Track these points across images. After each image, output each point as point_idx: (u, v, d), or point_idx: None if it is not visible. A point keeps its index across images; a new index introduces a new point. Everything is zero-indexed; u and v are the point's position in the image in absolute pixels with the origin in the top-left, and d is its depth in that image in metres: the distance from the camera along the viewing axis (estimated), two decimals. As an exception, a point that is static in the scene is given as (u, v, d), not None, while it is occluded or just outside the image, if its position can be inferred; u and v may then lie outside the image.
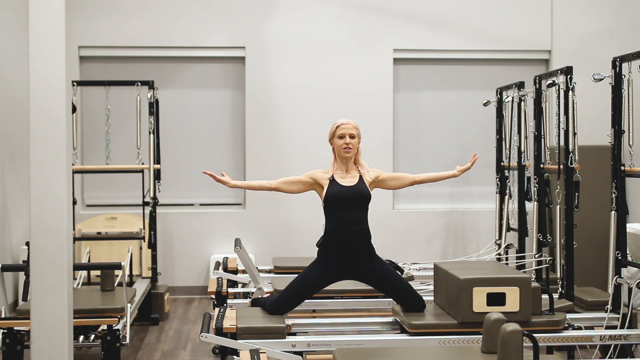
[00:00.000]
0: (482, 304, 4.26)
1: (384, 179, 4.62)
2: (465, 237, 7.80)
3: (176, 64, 7.73)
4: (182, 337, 5.97)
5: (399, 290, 4.51)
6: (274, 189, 4.59)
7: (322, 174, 4.56)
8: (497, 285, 4.29)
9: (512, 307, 4.27)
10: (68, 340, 3.79)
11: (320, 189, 4.53)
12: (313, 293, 4.60)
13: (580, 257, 5.83)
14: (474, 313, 4.25)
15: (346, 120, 4.56)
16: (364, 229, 4.49)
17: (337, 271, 4.50)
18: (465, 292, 4.26)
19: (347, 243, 4.45)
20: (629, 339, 4.48)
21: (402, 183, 4.68)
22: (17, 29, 6.36)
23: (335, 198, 4.45)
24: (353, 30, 7.71)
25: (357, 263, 4.47)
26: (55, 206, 3.73)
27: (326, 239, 4.49)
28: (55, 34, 3.72)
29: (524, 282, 4.31)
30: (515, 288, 4.28)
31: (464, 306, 4.26)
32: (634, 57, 4.66)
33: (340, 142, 4.51)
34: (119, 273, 5.67)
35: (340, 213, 4.45)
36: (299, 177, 4.57)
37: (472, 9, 7.80)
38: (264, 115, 7.64)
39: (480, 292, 4.27)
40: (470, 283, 4.27)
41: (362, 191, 4.48)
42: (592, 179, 6.54)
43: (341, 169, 4.54)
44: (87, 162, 7.57)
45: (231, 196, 7.78)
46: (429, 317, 4.41)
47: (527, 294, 4.29)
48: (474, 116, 7.80)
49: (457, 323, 4.29)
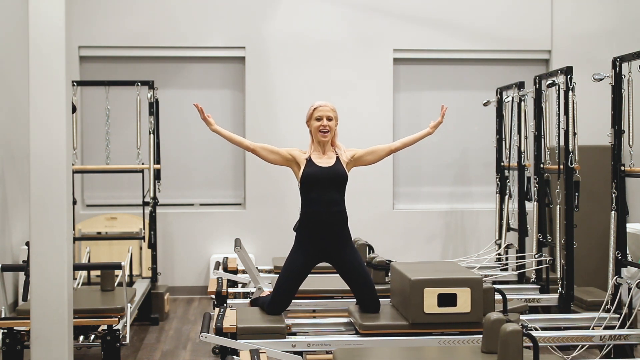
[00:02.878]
0: (433, 305, 4.23)
1: (360, 155, 4.64)
2: (465, 237, 7.80)
3: (176, 64, 7.73)
4: (182, 337, 5.97)
5: (362, 286, 4.51)
6: (252, 150, 4.62)
7: (299, 152, 4.60)
8: (449, 286, 4.26)
9: (463, 308, 4.24)
10: (68, 340, 3.79)
11: (296, 168, 4.56)
12: (301, 281, 4.60)
13: (580, 257, 5.83)
14: (425, 314, 4.23)
15: (324, 103, 4.59)
16: (341, 211, 4.50)
17: (316, 253, 4.50)
18: (416, 293, 4.23)
19: (324, 224, 4.46)
20: (629, 339, 4.48)
21: (379, 155, 4.69)
22: (17, 30, 6.36)
23: (312, 178, 4.47)
24: (353, 30, 7.71)
25: (334, 246, 4.48)
26: (55, 206, 3.74)
27: (302, 221, 4.51)
28: (55, 34, 3.72)
29: (476, 283, 4.27)
30: (467, 289, 4.24)
31: (415, 307, 4.24)
32: (634, 57, 4.66)
33: (317, 124, 4.54)
34: (119, 273, 5.66)
35: (316, 194, 4.47)
36: (278, 149, 4.62)
37: (472, 9, 7.80)
38: (264, 115, 7.64)
39: (432, 293, 4.23)
40: (422, 284, 4.24)
41: (339, 172, 4.50)
42: (592, 179, 6.54)
43: (318, 150, 4.58)
44: (87, 162, 7.57)
45: (231, 196, 7.78)
46: (382, 318, 4.40)
47: (479, 294, 4.26)
48: (474, 116, 7.80)
49: (408, 324, 4.27)
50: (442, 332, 4.25)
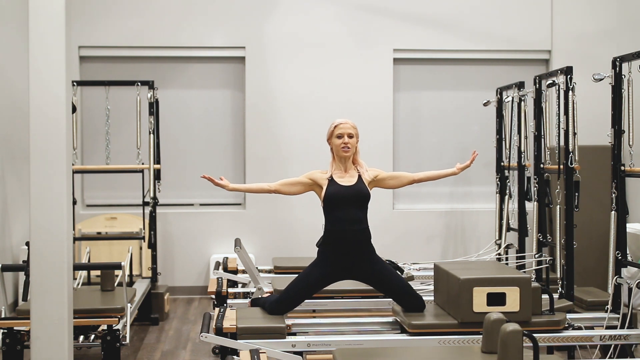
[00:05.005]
0: (483, 304, 4.26)
1: (383, 178, 4.61)
2: (465, 237, 7.80)
3: (176, 64, 7.73)
4: (182, 337, 5.97)
5: (399, 290, 4.51)
6: (274, 191, 4.58)
7: (320, 174, 4.56)
8: (498, 285, 4.29)
9: (512, 307, 4.27)
10: (68, 340, 3.79)
11: (319, 190, 4.53)
12: (313, 293, 4.60)
13: (580, 257, 5.83)
14: (474, 313, 4.25)
15: (344, 120, 4.56)
16: (364, 229, 4.48)
17: (337, 271, 4.49)
18: (465, 292, 4.26)
19: (347, 243, 4.44)
20: (629, 339, 4.48)
21: (401, 182, 4.68)
22: (17, 30, 6.36)
23: (335, 198, 4.45)
24: (353, 30, 7.71)
25: (357, 263, 4.47)
26: (55, 206, 3.73)
27: (326, 238, 4.49)
28: (55, 34, 3.72)
29: (524, 282, 4.31)
30: (516, 288, 4.28)
31: (464, 306, 4.26)
32: (634, 57, 4.66)
33: (339, 142, 4.51)
34: (119, 273, 5.67)
35: (339, 213, 4.45)
36: (298, 179, 4.57)
37: (472, 9, 7.80)
38: (264, 115, 7.64)
39: (481, 292, 4.27)
40: (471, 283, 4.27)
41: (361, 190, 4.48)
42: (592, 179, 6.54)
43: (340, 169, 4.54)
44: (87, 162, 7.57)
45: (231, 196, 7.78)
46: (429, 317, 4.41)
47: (527, 294, 4.29)
48: (474, 116, 7.80)
49: (457, 323, 4.29)
50: None
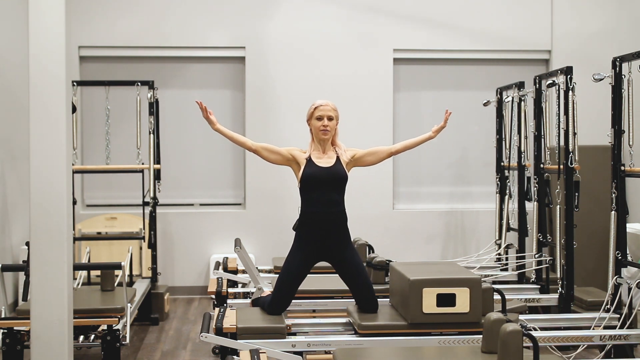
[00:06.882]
0: (432, 305, 4.22)
1: (360, 156, 4.62)
2: (465, 237, 7.79)
3: (176, 64, 7.73)
4: (182, 337, 5.97)
5: (361, 286, 4.51)
6: (254, 150, 4.60)
7: (299, 152, 4.58)
8: (448, 286, 4.25)
9: (462, 308, 4.23)
10: (68, 340, 3.79)
11: (297, 168, 4.54)
12: (301, 281, 4.60)
13: (580, 257, 5.83)
14: (424, 314, 4.23)
15: (325, 102, 4.57)
16: (341, 211, 4.49)
17: (315, 252, 4.50)
18: (415, 293, 4.23)
19: (323, 224, 4.45)
20: (629, 339, 4.48)
21: (380, 157, 4.68)
22: (17, 29, 6.36)
23: (312, 179, 4.46)
24: (353, 30, 7.71)
25: (333, 246, 4.48)
26: (55, 206, 3.73)
27: (302, 221, 4.50)
28: (55, 34, 3.72)
29: (475, 283, 4.27)
30: (466, 289, 4.24)
31: (413, 307, 4.23)
32: (634, 57, 4.66)
33: (318, 124, 4.52)
34: (119, 273, 5.67)
35: (316, 194, 4.46)
36: (279, 149, 4.59)
37: (472, 9, 7.79)
38: (264, 115, 7.64)
39: (430, 293, 4.23)
40: (421, 284, 4.24)
41: (339, 172, 4.49)
42: (592, 179, 6.54)
43: (318, 150, 4.56)
44: (87, 162, 7.57)
45: (231, 196, 7.78)
46: (380, 318, 4.40)
47: (478, 294, 4.25)
48: (474, 116, 7.80)
49: (407, 324, 4.27)
50: (441, 332, 4.25)
